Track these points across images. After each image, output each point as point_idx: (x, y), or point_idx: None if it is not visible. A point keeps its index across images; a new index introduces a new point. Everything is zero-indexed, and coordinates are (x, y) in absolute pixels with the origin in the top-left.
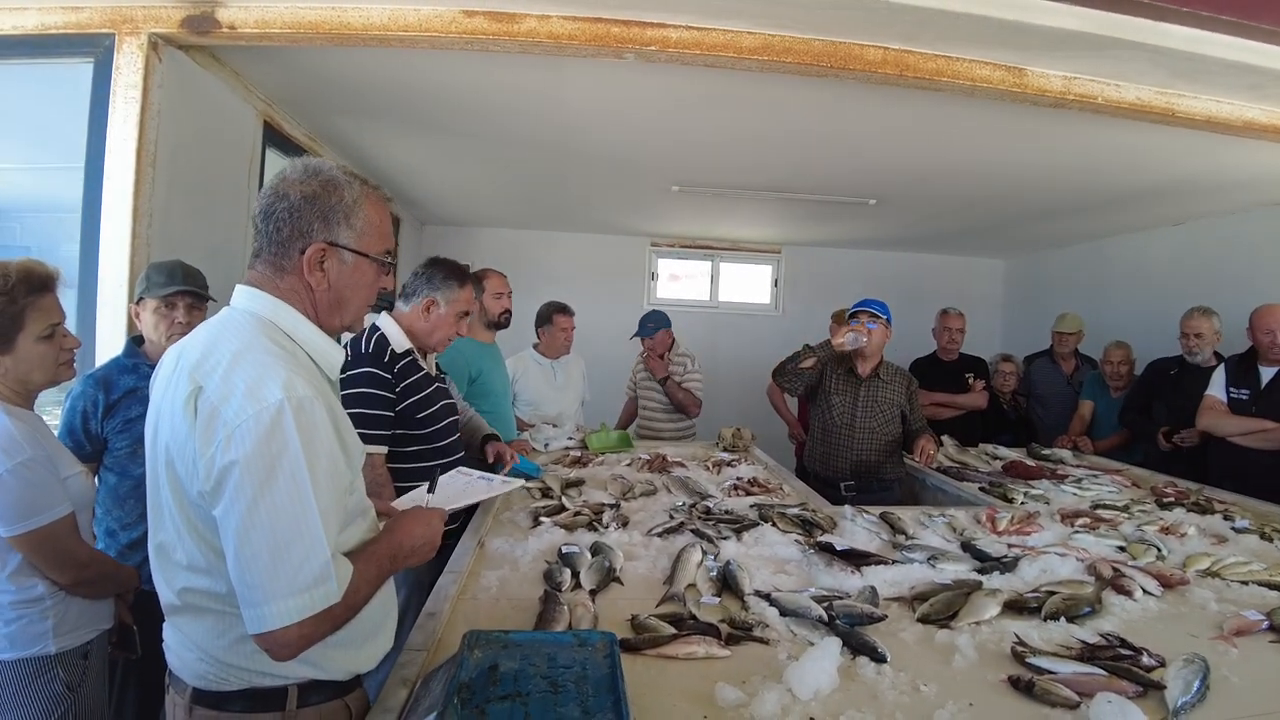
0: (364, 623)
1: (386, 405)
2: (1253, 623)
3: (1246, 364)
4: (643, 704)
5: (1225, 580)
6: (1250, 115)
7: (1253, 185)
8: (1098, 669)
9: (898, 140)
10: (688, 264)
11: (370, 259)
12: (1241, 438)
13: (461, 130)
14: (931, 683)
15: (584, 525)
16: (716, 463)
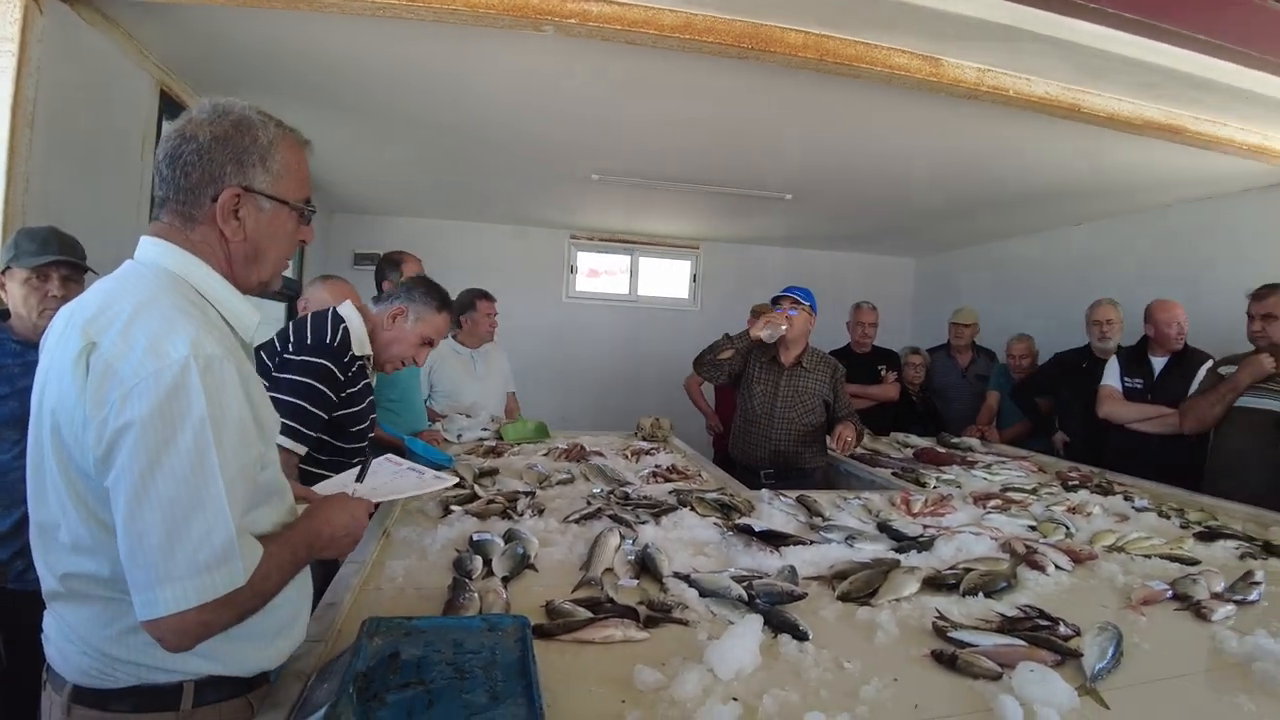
0: (276, 614)
1: (326, 407)
2: (1158, 592)
3: (1138, 355)
4: (557, 690)
5: (1130, 555)
6: (1149, 114)
7: (1147, 187)
8: (1018, 640)
9: (814, 133)
10: (607, 258)
11: (290, 206)
12: (1138, 423)
13: (373, 110)
14: (855, 659)
15: (497, 513)
16: (635, 451)
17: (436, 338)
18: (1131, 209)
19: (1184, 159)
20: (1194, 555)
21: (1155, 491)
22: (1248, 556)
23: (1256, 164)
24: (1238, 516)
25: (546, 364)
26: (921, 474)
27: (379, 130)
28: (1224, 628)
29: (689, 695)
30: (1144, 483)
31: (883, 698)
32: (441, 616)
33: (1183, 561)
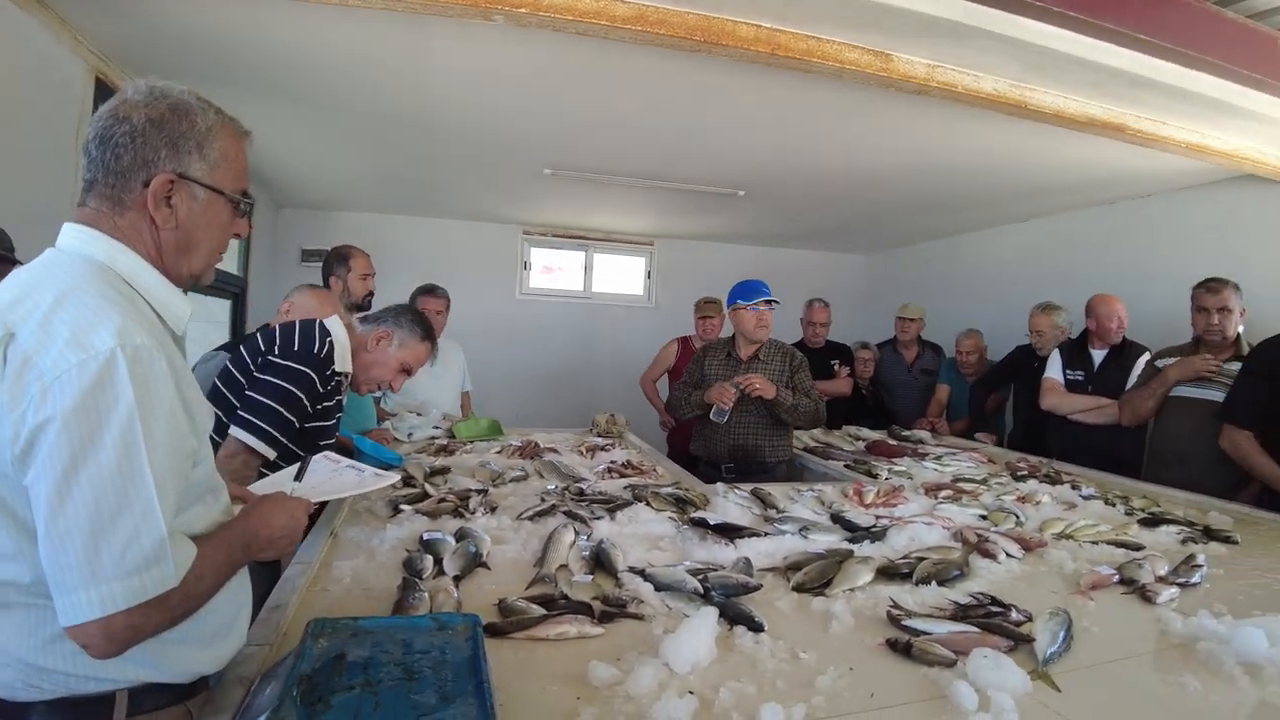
0: (214, 616)
1: (301, 415)
2: (1105, 577)
3: (1079, 348)
4: (511, 689)
5: (1078, 541)
6: (1093, 112)
7: (1091, 185)
8: (971, 627)
9: (767, 129)
10: (561, 254)
11: (225, 197)
12: (1079, 414)
13: (320, 101)
14: (810, 649)
15: (449, 512)
16: (590, 448)
17: (415, 366)
18: (1076, 206)
19: (1127, 157)
20: (1139, 541)
21: (1100, 480)
22: (1189, 541)
23: (1195, 162)
24: (1178, 503)
25: (500, 361)
26: (873, 466)
27: (327, 122)
28: (1168, 610)
29: (644, 690)
30: (1090, 472)
31: (838, 687)
32: (390, 616)
33: (1128, 547)
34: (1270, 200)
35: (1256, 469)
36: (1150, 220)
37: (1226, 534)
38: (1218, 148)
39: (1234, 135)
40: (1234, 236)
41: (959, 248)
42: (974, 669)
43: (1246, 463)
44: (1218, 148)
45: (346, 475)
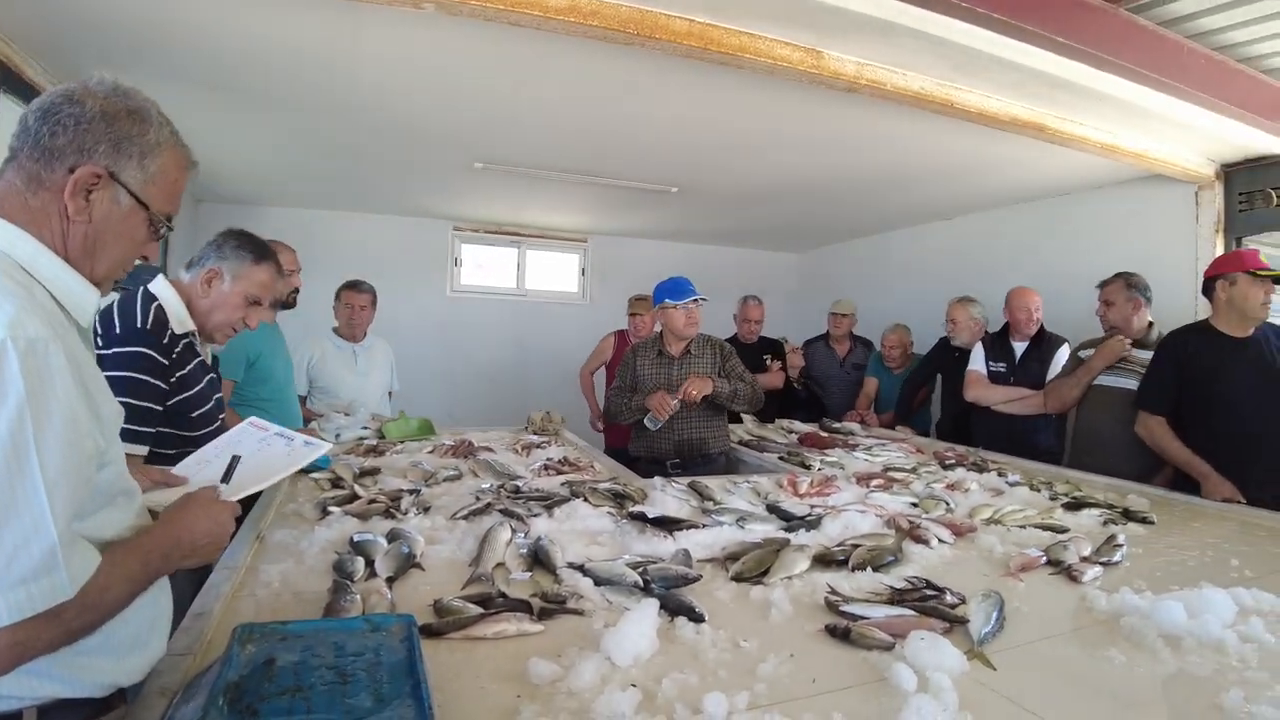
0: (129, 625)
1: (158, 397)
2: (1034, 559)
3: (1001, 340)
4: (449, 690)
5: (1006, 526)
6: (1015, 111)
7: (1012, 184)
8: (908, 610)
9: (700, 126)
10: (493, 250)
11: (148, 213)
12: (1003, 405)
13: (243, 90)
14: (751, 638)
15: (380, 513)
16: (525, 445)
17: (263, 294)
18: (999, 204)
19: (1046, 157)
20: (1063, 524)
21: (1025, 468)
22: (1109, 523)
23: (1108, 162)
24: (1098, 487)
25: (431, 360)
26: (806, 457)
27: (249, 112)
28: (1093, 588)
29: (586, 685)
30: (1014, 460)
31: (780, 674)
32: (321, 619)
33: (1054, 530)
34: (1176, 199)
35: (1169, 453)
36: (1068, 218)
37: (1144, 515)
38: (1129, 148)
39: (1144, 137)
40: (1144, 234)
41: (887, 245)
42: (912, 651)
43: (1160, 447)
44: (1129, 148)
45: (275, 447)
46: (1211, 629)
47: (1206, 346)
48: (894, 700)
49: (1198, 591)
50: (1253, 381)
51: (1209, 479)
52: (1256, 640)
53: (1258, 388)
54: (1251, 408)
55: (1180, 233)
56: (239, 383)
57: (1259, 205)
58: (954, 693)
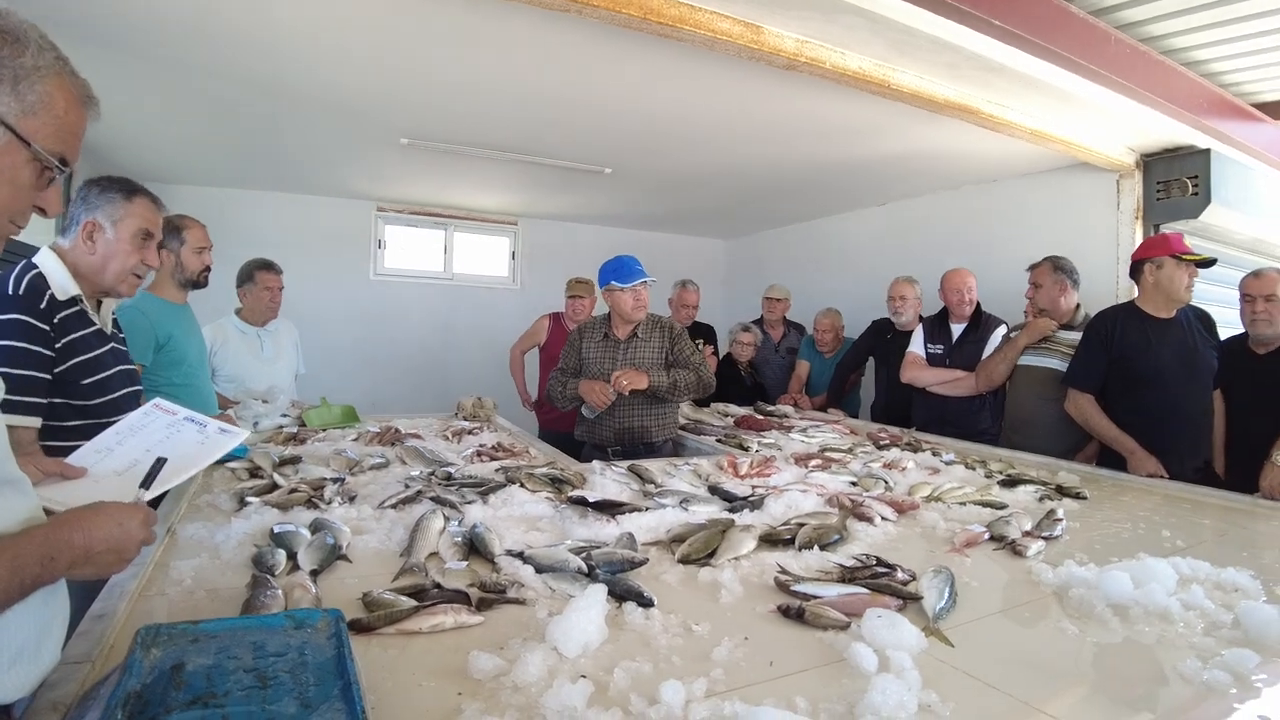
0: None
1: (42, 365)
2: (977, 535)
3: (940, 323)
4: (383, 689)
5: (946, 503)
6: (949, 95)
7: (943, 170)
8: (860, 588)
9: (635, 103)
10: (419, 232)
11: (30, 149)
12: (939, 386)
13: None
14: (703, 621)
15: (301, 503)
16: (456, 432)
17: (152, 226)
18: (927, 190)
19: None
20: (1002, 500)
21: (958, 447)
22: (1046, 499)
23: (1036, 149)
24: (1031, 465)
25: (354, 346)
26: (744, 439)
27: (160, 82)
28: (1037, 562)
29: (533, 678)
30: (948, 440)
31: (736, 658)
32: (237, 617)
33: (993, 506)
34: (1099, 187)
35: (1097, 430)
36: (996, 205)
37: (1077, 491)
38: (1057, 135)
39: (1072, 124)
40: (1069, 220)
41: (817, 231)
42: (869, 630)
43: (1088, 424)
44: (1057, 135)
45: (186, 434)
46: (1156, 597)
47: (1132, 326)
48: (856, 681)
49: (1139, 562)
50: (1174, 361)
51: (1135, 455)
52: (1198, 607)
53: (1179, 367)
54: (1173, 386)
55: (1102, 219)
56: (147, 367)
57: (1175, 194)
58: (916, 671)
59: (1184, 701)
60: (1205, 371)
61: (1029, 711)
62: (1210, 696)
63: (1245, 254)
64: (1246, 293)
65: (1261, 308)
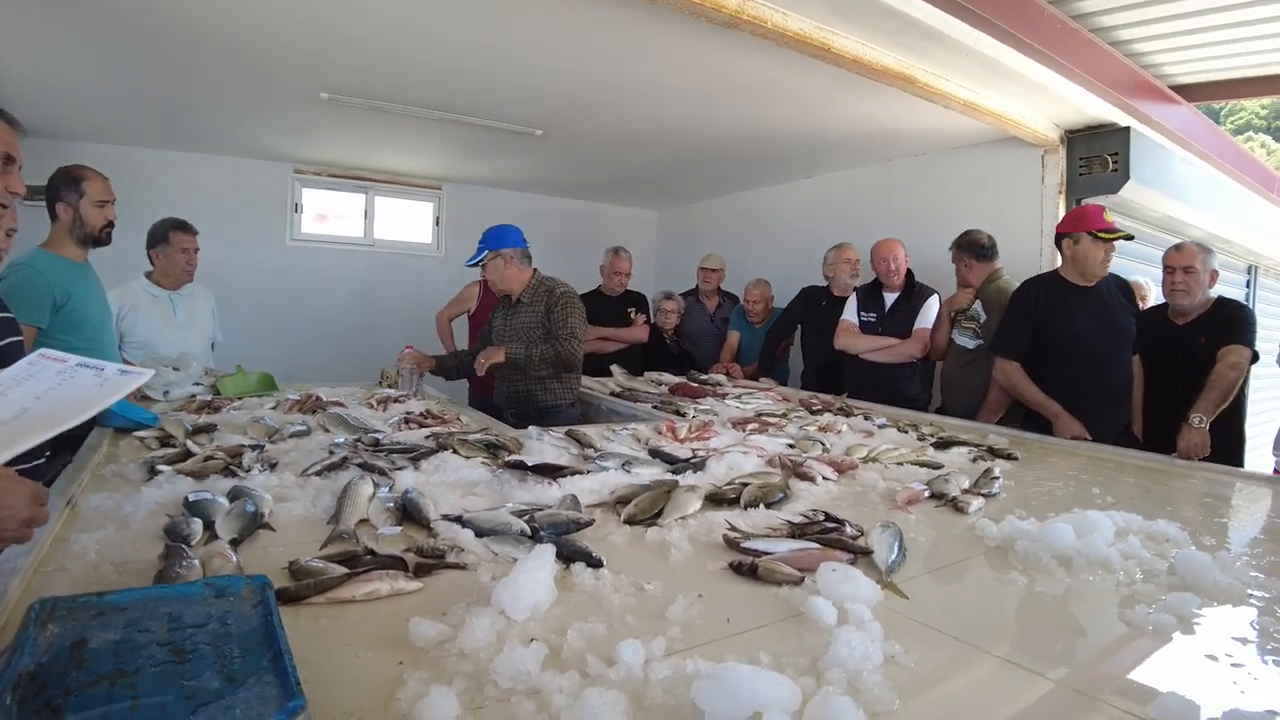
0: None
1: None
2: (918, 492)
3: (873, 291)
4: (315, 663)
5: (883, 464)
6: (887, 61)
7: (876, 141)
8: (811, 544)
9: (570, 60)
10: (339, 196)
11: None
12: (871, 354)
13: None
14: (655, 580)
15: (218, 470)
16: (381, 400)
17: (10, 148)
18: (858, 163)
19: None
20: (937, 461)
21: (889, 412)
22: (979, 460)
23: (967, 122)
24: (959, 429)
25: (269, 313)
26: (680, 405)
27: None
28: (979, 518)
29: (481, 643)
30: (877, 406)
31: (692, 616)
32: (149, 587)
33: (929, 466)
34: (1026, 161)
35: (1023, 395)
36: (924, 177)
37: (1008, 452)
38: (989, 107)
39: (1003, 97)
40: (996, 193)
41: (748, 203)
42: (825, 583)
43: (1015, 390)
44: (989, 107)
45: (81, 379)
46: (1098, 548)
47: (1055, 295)
48: (817, 635)
49: (1080, 514)
50: (1095, 328)
51: (1060, 418)
52: (1136, 556)
53: (1099, 334)
54: (1094, 351)
55: (1028, 193)
56: (44, 329)
57: (1097, 170)
58: (877, 623)
59: (1134, 643)
60: (1124, 338)
61: (991, 659)
62: (1157, 638)
63: (1160, 232)
64: (1168, 265)
65: (1180, 279)
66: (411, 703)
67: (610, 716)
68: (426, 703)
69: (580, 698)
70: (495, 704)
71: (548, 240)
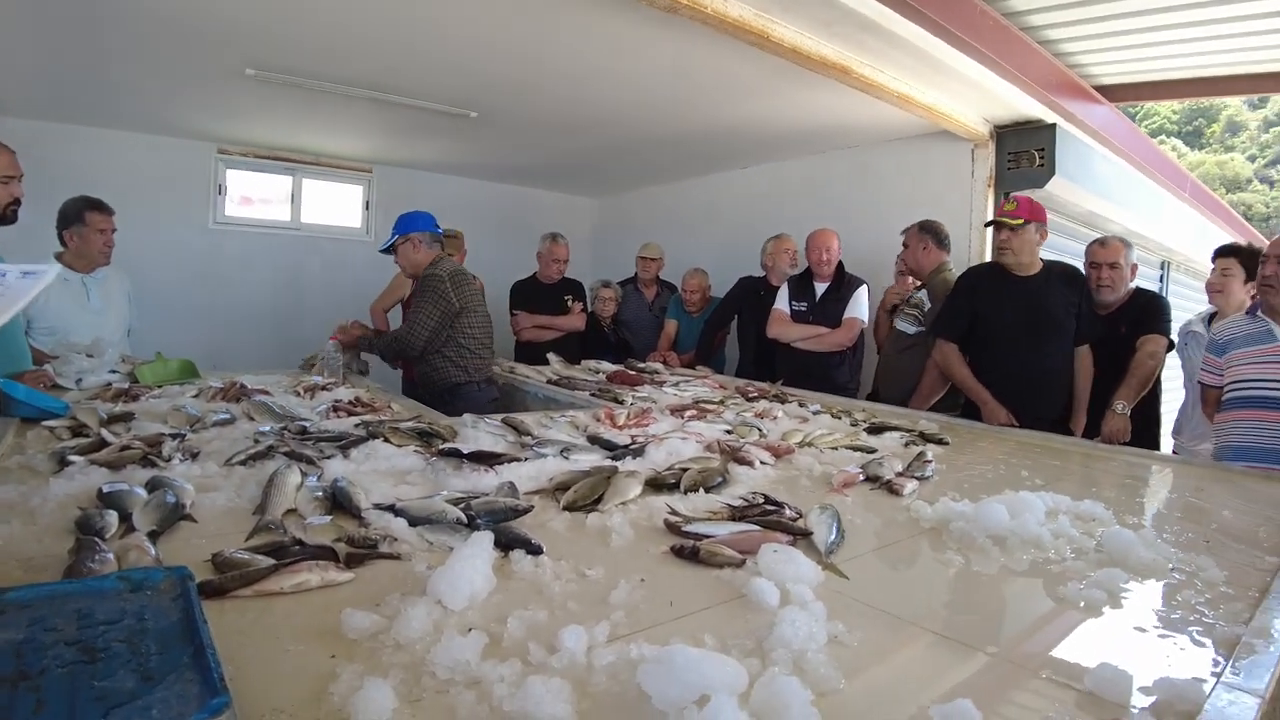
0: None
1: None
2: (853, 475)
3: (804, 281)
4: (241, 659)
5: (819, 448)
6: (825, 52)
7: (811, 133)
8: (752, 526)
9: (506, 41)
10: (265, 178)
11: None
12: (802, 342)
13: None
14: (596, 566)
15: (136, 460)
16: (309, 388)
17: None
18: (794, 155)
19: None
20: (871, 445)
21: (822, 399)
22: (910, 444)
23: (900, 115)
24: (890, 415)
25: (191, 299)
26: (618, 393)
27: None
28: (914, 500)
29: (417, 634)
30: (811, 394)
31: (635, 601)
32: (55, 582)
33: (863, 450)
34: (957, 155)
35: (956, 378)
36: (858, 170)
37: (939, 437)
38: (922, 100)
39: (936, 91)
40: (927, 186)
41: (685, 193)
42: (766, 565)
43: (949, 372)
44: (922, 100)
45: None
46: (1030, 527)
47: (994, 283)
48: (760, 616)
49: (1013, 495)
50: (1020, 319)
51: (988, 405)
52: (1066, 535)
53: (1024, 325)
54: (1016, 340)
55: (958, 186)
56: None
57: (1025, 165)
58: (819, 603)
59: (1068, 618)
60: (1053, 330)
61: (931, 636)
62: (1089, 612)
63: (1082, 226)
64: (1094, 260)
65: (1106, 274)
66: (345, 697)
67: (554, 704)
68: (361, 696)
69: (523, 686)
70: (434, 695)
71: (483, 227)
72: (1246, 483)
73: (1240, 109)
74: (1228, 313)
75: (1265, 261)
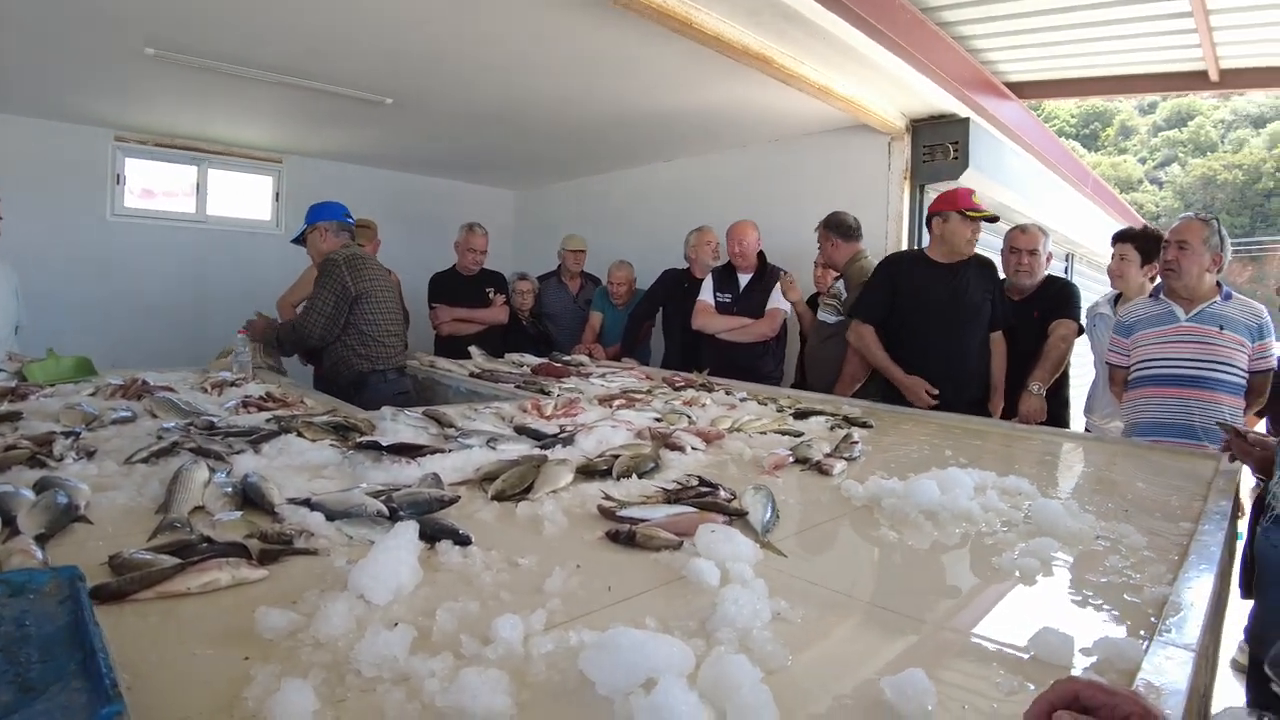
0: None
1: None
2: (783, 458)
3: (728, 273)
4: (143, 665)
5: (747, 433)
6: (748, 41)
7: (734, 126)
8: (687, 507)
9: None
10: (167, 168)
11: None
12: (727, 333)
13: None
14: (529, 555)
15: (22, 460)
16: (216, 384)
17: None
18: (715, 147)
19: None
20: (798, 429)
21: (748, 387)
22: (836, 427)
23: (820, 108)
24: (814, 401)
25: (88, 294)
26: (544, 385)
27: None
28: (844, 479)
29: (339, 631)
30: (735, 382)
31: (571, 587)
32: None
33: (791, 434)
34: (874, 148)
35: (873, 359)
36: (779, 162)
37: (864, 421)
38: (841, 93)
39: (855, 84)
40: (846, 178)
41: (606, 186)
42: (705, 545)
43: (866, 353)
44: (841, 93)
45: None
46: (961, 502)
47: (916, 270)
48: (701, 596)
49: (940, 472)
50: (942, 305)
51: (903, 384)
52: (995, 508)
53: (944, 311)
54: (936, 327)
55: (875, 179)
56: None
57: (939, 158)
58: (761, 581)
59: (1005, 585)
60: (972, 316)
61: (873, 609)
62: (1025, 579)
63: None
64: (1013, 246)
65: (1026, 261)
66: (261, 700)
67: (492, 696)
68: (279, 699)
69: (456, 680)
70: (359, 694)
71: (400, 220)
72: (1155, 456)
73: (1132, 114)
74: (1129, 295)
75: (1167, 247)
